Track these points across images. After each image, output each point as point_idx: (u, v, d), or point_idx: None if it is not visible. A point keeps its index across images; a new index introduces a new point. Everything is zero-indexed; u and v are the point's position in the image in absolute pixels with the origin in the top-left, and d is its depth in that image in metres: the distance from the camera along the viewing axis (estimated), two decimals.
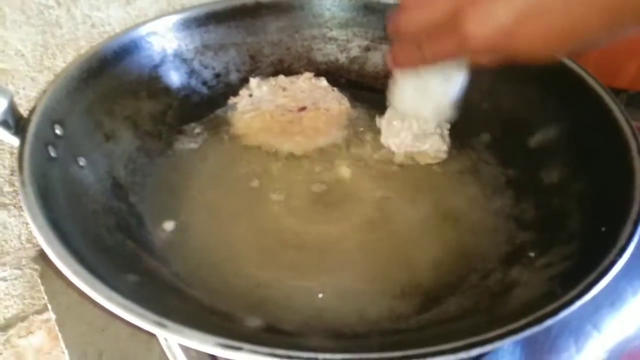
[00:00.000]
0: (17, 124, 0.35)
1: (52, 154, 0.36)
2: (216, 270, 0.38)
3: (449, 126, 0.49)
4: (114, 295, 0.27)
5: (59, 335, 0.45)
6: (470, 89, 0.50)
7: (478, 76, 0.49)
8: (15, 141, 0.34)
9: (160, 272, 0.36)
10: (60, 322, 0.46)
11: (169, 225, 0.41)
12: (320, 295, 0.36)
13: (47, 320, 0.60)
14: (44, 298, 0.50)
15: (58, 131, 0.37)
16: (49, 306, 0.48)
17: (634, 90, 0.53)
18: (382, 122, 0.49)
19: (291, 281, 0.37)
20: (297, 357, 0.24)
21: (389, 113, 0.48)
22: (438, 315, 0.35)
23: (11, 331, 0.59)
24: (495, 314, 0.32)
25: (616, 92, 0.42)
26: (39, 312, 0.59)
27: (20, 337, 0.59)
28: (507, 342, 0.26)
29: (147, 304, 0.26)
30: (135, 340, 0.44)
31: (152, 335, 0.42)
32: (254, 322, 0.32)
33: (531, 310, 0.28)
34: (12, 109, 0.35)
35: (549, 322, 0.27)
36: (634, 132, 0.37)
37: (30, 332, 0.60)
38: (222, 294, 0.36)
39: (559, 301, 0.28)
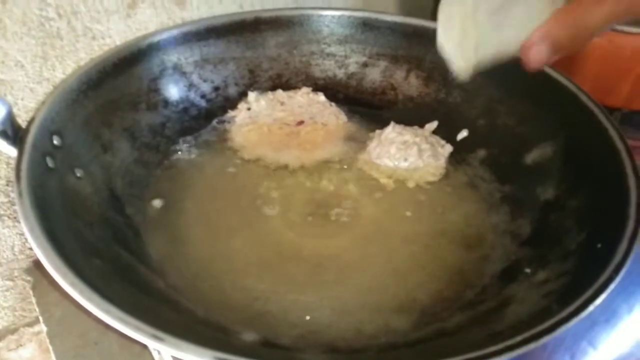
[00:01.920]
0: (16, 134, 0.35)
1: (50, 164, 0.36)
2: (213, 282, 0.38)
3: (443, 142, 0.50)
4: (111, 307, 0.27)
5: (50, 348, 0.45)
6: (467, 105, 0.51)
7: (474, 93, 0.50)
8: (13, 152, 0.34)
9: (157, 284, 0.36)
10: (51, 335, 0.46)
11: (165, 237, 0.41)
12: (317, 310, 0.36)
13: (38, 333, 0.59)
14: (35, 310, 0.49)
15: (56, 142, 0.37)
16: (41, 318, 0.47)
17: (627, 109, 0.54)
18: (379, 138, 0.49)
19: (288, 295, 0.37)
20: None
21: (387, 129, 0.49)
22: (434, 331, 0.35)
23: (0, 344, 0.58)
24: (491, 330, 0.32)
25: (610, 110, 0.42)
26: (30, 325, 0.59)
27: (10, 350, 0.59)
28: (503, 359, 0.26)
29: (144, 317, 0.26)
30: (127, 354, 0.43)
31: (145, 348, 0.42)
32: (250, 336, 0.32)
33: (527, 326, 0.28)
34: (11, 119, 0.35)
35: (545, 339, 0.27)
36: (628, 150, 0.37)
37: (21, 345, 0.59)
38: (219, 306, 0.35)
39: (555, 318, 0.28)
